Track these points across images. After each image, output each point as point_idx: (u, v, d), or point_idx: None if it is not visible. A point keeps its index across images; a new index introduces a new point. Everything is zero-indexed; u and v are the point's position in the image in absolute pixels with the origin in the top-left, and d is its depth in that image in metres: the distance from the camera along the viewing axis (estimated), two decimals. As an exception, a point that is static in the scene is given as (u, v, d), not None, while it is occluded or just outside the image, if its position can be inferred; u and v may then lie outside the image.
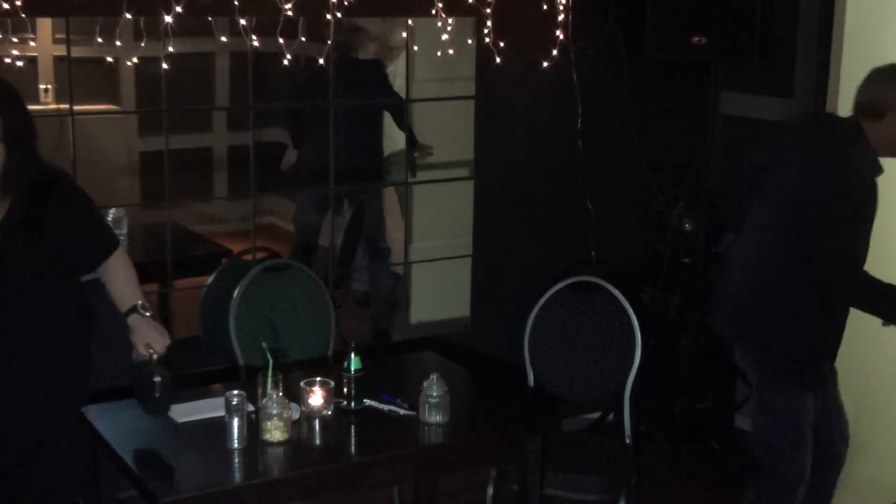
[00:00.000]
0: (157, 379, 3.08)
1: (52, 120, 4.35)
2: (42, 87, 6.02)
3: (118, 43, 3.92)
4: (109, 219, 4.64)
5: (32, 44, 4.07)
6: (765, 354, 3.62)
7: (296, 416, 3.24)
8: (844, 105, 3.74)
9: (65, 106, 4.04)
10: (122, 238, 4.58)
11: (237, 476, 3.03)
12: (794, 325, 3.52)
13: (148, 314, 3.14)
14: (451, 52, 4.46)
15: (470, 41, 4.58)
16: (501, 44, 4.41)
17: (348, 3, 4.06)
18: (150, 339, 3.10)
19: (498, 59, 4.43)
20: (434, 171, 4.99)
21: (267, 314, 4.04)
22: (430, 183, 4.94)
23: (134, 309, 3.12)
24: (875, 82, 3.43)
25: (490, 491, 3.88)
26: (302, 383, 3.31)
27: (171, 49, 3.94)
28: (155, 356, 3.11)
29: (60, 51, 4.09)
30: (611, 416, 4.95)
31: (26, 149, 2.87)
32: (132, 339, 3.13)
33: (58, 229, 2.94)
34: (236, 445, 3.08)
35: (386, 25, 5.38)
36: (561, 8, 4.53)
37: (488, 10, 4.35)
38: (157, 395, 3.10)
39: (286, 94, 5.40)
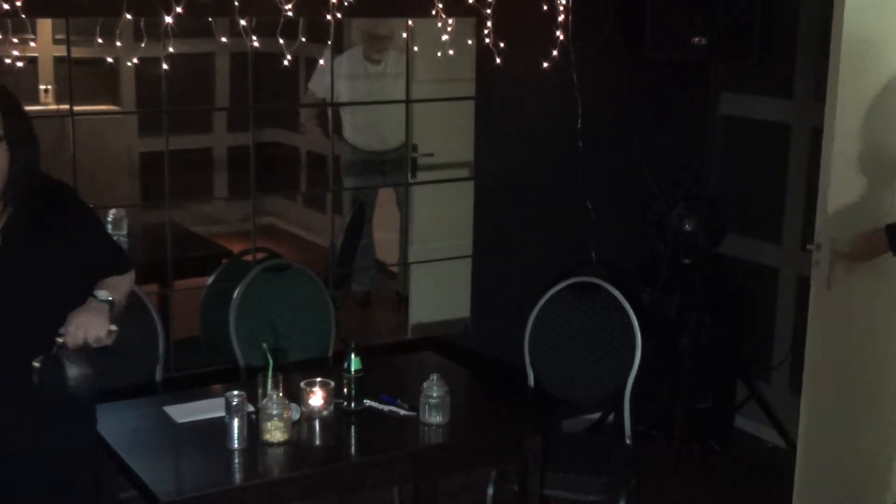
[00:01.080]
0: (36, 364, 2.67)
1: (52, 120, 4.36)
2: (42, 87, 6.03)
3: (118, 43, 3.92)
4: (109, 219, 4.65)
5: (33, 44, 4.08)
6: None
7: (296, 416, 3.24)
8: (845, 108, 3.72)
9: (65, 106, 4.04)
10: (122, 239, 4.60)
11: (237, 476, 3.03)
12: None
13: (101, 301, 2.75)
14: (451, 52, 4.46)
15: (470, 42, 4.59)
16: (501, 44, 4.41)
17: (348, 3, 4.06)
18: (75, 324, 2.70)
19: (498, 60, 4.42)
20: (434, 171, 4.99)
21: (267, 314, 4.04)
22: (430, 183, 4.95)
23: (93, 294, 2.79)
24: None
25: (490, 491, 3.88)
26: (302, 384, 3.31)
27: (171, 49, 3.94)
28: (60, 339, 2.69)
29: (60, 51, 4.10)
30: (611, 417, 4.95)
31: (29, 153, 2.75)
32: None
33: (65, 241, 2.79)
34: (236, 446, 3.08)
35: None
36: (561, 9, 4.53)
37: (488, 11, 4.35)
38: (35, 381, 2.68)
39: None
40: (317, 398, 3.29)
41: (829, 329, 3.88)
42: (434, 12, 4.28)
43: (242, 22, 3.89)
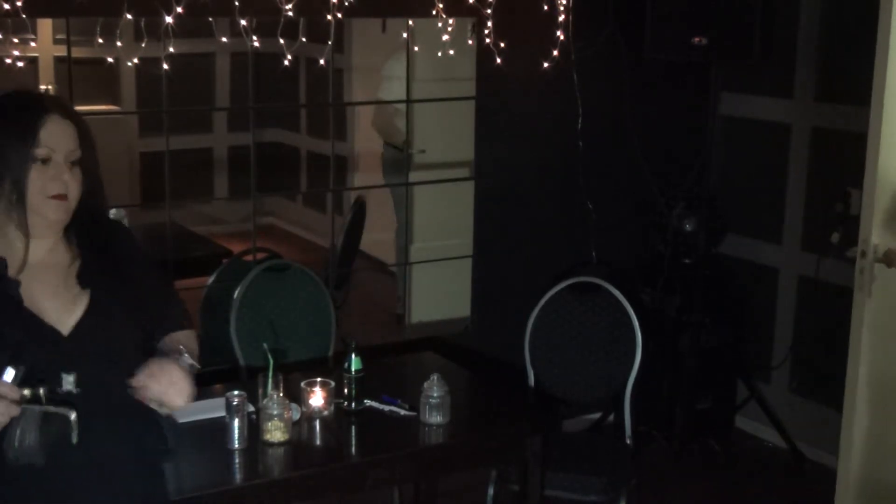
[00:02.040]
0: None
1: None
2: (42, 87, 6.02)
3: (119, 43, 3.92)
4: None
5: (33, 44, 4.07)
6: None
7: (296, 416, 3.24)
8: (890, 112, 3.62)
9: (65, 106, 4.03)
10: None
11: (238, 477, 3.03)
12: None
13: (187, 364, 2.45)
14: (451, 52, 4.47)
15: (470, 42, 4.59)
16: (502, 44, 4.41)
17: (348, 3, 4.07)
18: (166, 383, 2.36)
19: (498, 60, 4.43)
20: (434, 171, 5.00)
21: (267, 314, 4.04)
22: (430, 183, 4.95)
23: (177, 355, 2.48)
24: None
25: (490, 491, 3.88)
26: (302, 384, 3.32)
27: (171, 49, 3.94)
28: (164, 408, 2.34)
29: (61, 51, 4.10)
30: (611, 417, 4.95)
31: (98, 182, 2.50)
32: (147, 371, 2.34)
33: (133, 288, 2.45)
34: (237, 446, 3.08)
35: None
36: (561, 9, 4.53)
37: (489, 11, 4.36)
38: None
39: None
40: (317, 398, 3.29)
41: (872, 338, 3.83)
42: (434, 12, 4.28)
43: (243, 22, 3.89)
